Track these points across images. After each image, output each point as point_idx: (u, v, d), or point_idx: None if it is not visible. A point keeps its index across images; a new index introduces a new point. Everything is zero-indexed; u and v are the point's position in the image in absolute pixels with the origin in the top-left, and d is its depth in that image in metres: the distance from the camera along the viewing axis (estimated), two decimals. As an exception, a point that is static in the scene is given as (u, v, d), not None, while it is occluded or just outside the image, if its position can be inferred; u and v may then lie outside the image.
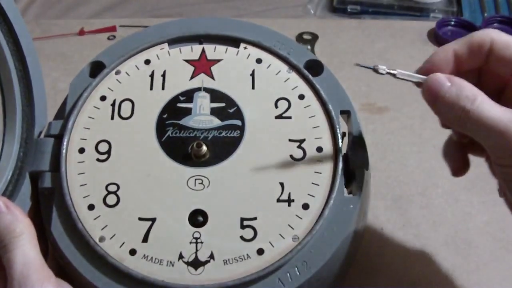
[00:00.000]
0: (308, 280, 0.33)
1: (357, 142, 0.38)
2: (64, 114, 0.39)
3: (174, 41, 0.42)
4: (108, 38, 0.68)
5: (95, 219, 0.35)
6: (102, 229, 0.34)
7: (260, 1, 0.75)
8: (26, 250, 0.32)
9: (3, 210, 0.33)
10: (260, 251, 0.34)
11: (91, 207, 0.35)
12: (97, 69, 0.41)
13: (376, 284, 0.42)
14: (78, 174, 0.36)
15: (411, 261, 0.43)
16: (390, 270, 0.43)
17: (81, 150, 0.37)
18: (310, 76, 0.40)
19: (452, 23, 0.68)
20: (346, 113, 0.39)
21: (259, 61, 0.41)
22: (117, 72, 0.41)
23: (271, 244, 0.34)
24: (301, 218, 0.35)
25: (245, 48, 0.42)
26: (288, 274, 0.33)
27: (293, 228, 0.34)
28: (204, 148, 0.37)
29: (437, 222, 0.46)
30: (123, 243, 0.34)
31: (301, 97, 0.39)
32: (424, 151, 0.51)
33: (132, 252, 0.34)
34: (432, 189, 0.48)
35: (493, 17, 0.69)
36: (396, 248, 0.44)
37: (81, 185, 0.36)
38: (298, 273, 0.33)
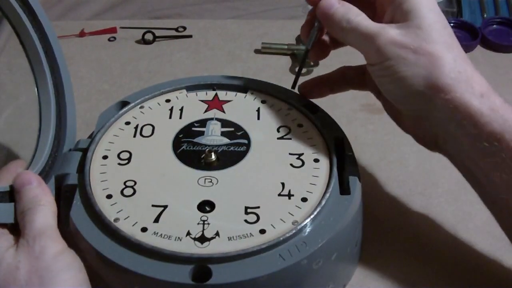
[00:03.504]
0: (307, 258, 0.35)
1: (350, 159, 0.42)
2: (92, 135, 0.45)
3: (191, 88, 0.49)
4: (109, 40, 0.68)
5: (111, 205, 0.38)
6: (117, 212, 0.38)
7: (259, 1, 0.77)
8: (47, 216, 0.36)
9: (34, 184, 0.37)
10: (262, 231, 0.36)
11: (109, 196, 0.39)
12: (123, 107, 0.48)
13: (377, 284, 0.42)
14: (100, 173, 0.41)
15: (411, 261, 0.43)
16: (391, 270, 0.43)
17: (105, 157, 0.42)
18: (307, 112, 0.46)
19: (452, 24, 0.68)
20: (340, 139, 0.44)
21: (263, 102, 0.47)
22: (141, 107, 0.47)
23: (272, 226, 0.37)
24: (300, 208, 0.38)
25: (252, 93, 0.49)
26: (288, 251, 0.35)
27: (292, 215, 0.37)
28: (214, 155, 0.41)
29: (437, 222, 0.46)
30: (136, 222, 0.37)
31: (300, 125, 0.45)
32: (424, 151, 0.50)
33: (144, 229, 0.36)
34: (432, 189, 0.50)
35: (492, 18, 0.70)
36: (396, 248, 0.45)
37: (101, 181, 0.40)
38: (298, 250, 0.35)
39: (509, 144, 0.35)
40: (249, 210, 0.38)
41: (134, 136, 0.44)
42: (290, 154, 0.42)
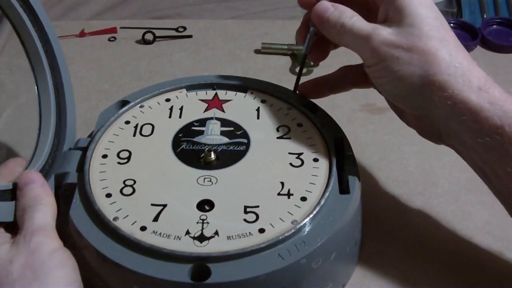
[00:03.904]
0: (306, 257, 0.35)
1: (350, 158, 0.42)
2: (92, 134, 0.45)
3: (191, 87, 0.49)
4: (109, 40, 0.68)
5: (111, 204, 0.38)
6: (117, 211, 0.38)
7: (259, 1, 0.77)
8: (47, 215, 0.36)
9: (37, 184, 0.37)
10: (261, 230, 0.36)
11: (108, 195, 0.39)
12: (123, 106, 0.48)
13: (376, 284, 0.42)
14: (100, 172, 0.41)
15: (411, 261, 0.43)
16: (391, 270, 0.43)
17: (104, 156, 0.42)
18: (307, 111, 0.46)
19: (452, 24, 0.68)
20: (340, 139, 0.44)
21: (263, 101, 0.47)
22: (141, 106, 0.47)
23: (271, 225, 0.37)
24: (299, 207, 0.38)
25: (252, 93, 0.49)
26: (287, 250, 0.35)
27: (292, 214, 0.37)
28: (213, 154, 0.41)
29: (437, 222, 0.46)
30: (135, 221, 0.37)
31: (300, 125, 0.45)
32: (424, 151, 0.52)
33: (143, 228, 0.36)
34: (432, 189, 0.49)
35: (492, 19, 0.70)
36: (396, 248, 0.45)
37: (101, 180, 0.40)
38: (297, 250, 0.35)
39: (511, 136, 0.35)
40: (248, 209, 0.38)
41: (134, 135, 0.44)
42: (289, 153, 0.42)
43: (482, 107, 0.35)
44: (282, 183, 0.40)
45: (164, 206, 0.38)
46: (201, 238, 0.36)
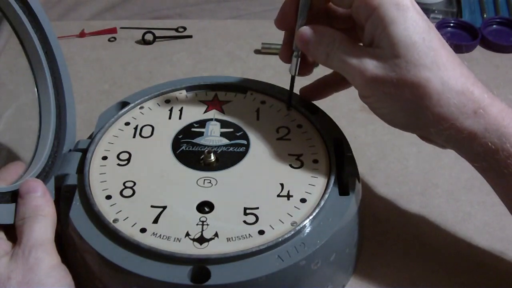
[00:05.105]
0: (306, 258, 0.35)
1: (350, 159, 0.42)
2: (92, 136, 0.45)
3: (190, 88, 0.49)
4: (109, 40, 0.68)
5: (111, 206, 0.38)
6: (117, 213, 0.38)
7: (260, 1, 0.76)
8: (47, 228, 0.36)
9: (39, 194, 0.37)
10: (261, 232, 0.36)
11: (108, 197, 0.39)
12: (123, 107, 0.48)
13: (376, 284, 0.42)
14: (100, 174, 0.41)
15: (411, 262, 0.44)
16: (390, 270, 0.43)
17: (104, 158, 0.42)
18: (307, 112, 0.46)
19: (452, 24, 0.69)
20: (339, 140, 0.44)
21: (263, 102, 0.48)
22: (141, 107, 0.47)
23: (271, 227, 0.37)
24: (299, 209, 0.38)
25: (251, 93, 0.49)
26: (287, 251, 0.35)
27: (291, 216, 0.37)
28: (213, 156, 0.41)
29: (437, 222, 0.46)
30: (135, 223, 0.37)
31: (299, 126, 0.45)
32: (424, 151, 0.52)
33: (143, 230, 0.36)
34: (432, 189, 0.49)
35: (492, 19, 0.70)
36: (396, 248, 0.45)
37: (101, 182, 0.40)
38: (296, 251, 0.35)
39: (506, 161, 0.35)
40: (248, 211, 0.38)
41: (134, 136, 0.44)
42: (289, 154, 0.42)
43: (476, 134, 0.35)
44: (282, 185, 0.40)
45: (164, 208, 0.38)
46: (201, 240, 0.36)
